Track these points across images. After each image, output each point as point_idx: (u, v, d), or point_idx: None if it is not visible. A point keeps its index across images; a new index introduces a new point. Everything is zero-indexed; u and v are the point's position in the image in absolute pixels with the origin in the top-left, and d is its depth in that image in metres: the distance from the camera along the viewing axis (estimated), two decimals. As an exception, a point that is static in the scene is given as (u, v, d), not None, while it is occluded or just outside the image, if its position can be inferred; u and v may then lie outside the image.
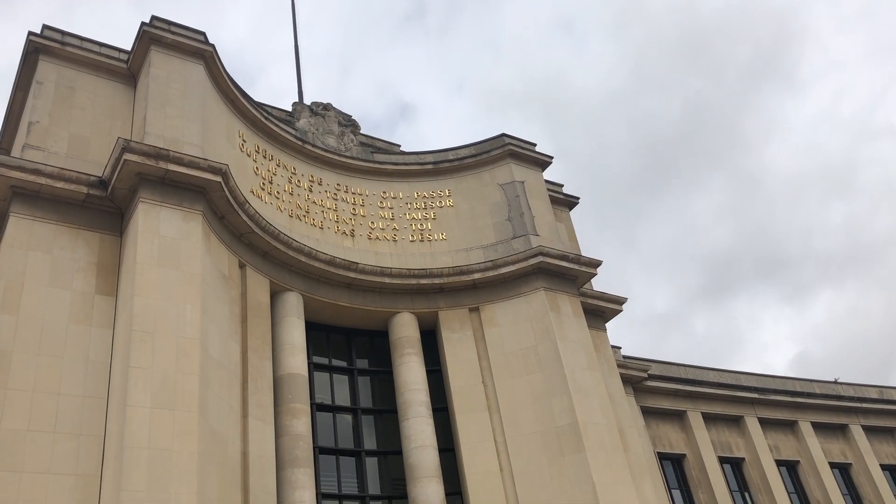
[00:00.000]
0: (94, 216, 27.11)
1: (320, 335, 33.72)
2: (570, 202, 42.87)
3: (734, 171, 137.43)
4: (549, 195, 39.33)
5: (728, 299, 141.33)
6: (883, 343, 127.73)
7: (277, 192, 32.92)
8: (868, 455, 50.20)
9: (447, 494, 30.78)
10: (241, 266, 29.56)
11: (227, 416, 25.74)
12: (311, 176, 35.16)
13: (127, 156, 25.76)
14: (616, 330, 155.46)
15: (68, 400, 23.62)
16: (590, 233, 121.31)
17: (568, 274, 35.34)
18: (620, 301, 38.88)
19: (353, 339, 34.77)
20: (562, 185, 42.92)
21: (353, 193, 36.16)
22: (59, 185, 26.31)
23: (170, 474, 21.90)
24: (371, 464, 32.56)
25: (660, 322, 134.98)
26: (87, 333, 24.97)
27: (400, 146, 40.80)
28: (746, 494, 45.79)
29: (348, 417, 33.13)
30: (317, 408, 31.49)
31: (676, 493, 43.52)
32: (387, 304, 34.12)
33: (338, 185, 35.95)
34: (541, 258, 34.41)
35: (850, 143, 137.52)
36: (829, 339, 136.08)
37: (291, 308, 31.06)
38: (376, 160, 37.55)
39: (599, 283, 40.52)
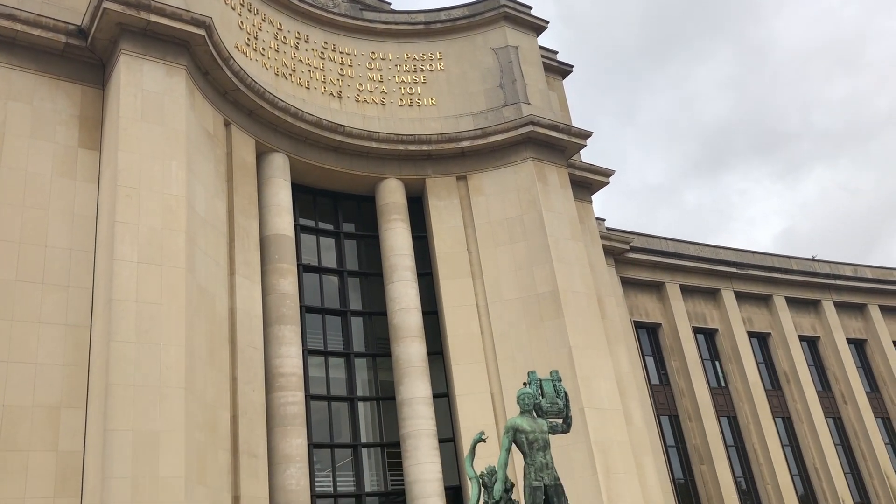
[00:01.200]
0: (75, 67, 26.36)
1: (307, 198, 33.75)
2: (564, 70, 41.97)
3: (741, 42, 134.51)
4: (543, 62, 38.45)
5: (721, 173, 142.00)
6: (869, 221, 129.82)
7: (263, 49, 31.98)
8: (836, 329, 51.99)
9: (429, 354, 31.95)
10: (227, 124, 29.13)
11: (214, 273, 26.11)
12: (298, 33, 34.06)
13: (106, 4, 24.76)
14: (607, 201, 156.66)
15: (55, 252, 23.83)
16: (589, 102, 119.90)
17: (557, 144, 35.12)
18: (608, 174, 38.91)
19: (339, 203, 34.84)
20: (556, 52, 41.88)
21: (340, 53, 35.17)
22: (36, 32, 25.40)
23: (159, 327, 22.45)
24: (356, 323, 33.49)
25: (652, 194, 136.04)
26: (71, 187, 24.87)
27: (390, 3, 39.39)
28: (717, 363, 47.71)
29: (334, 279, 33.74)
30: (303, 268, 31.97)
31: (650, 360, 45.28)
32: (374, 170, 33.98)
33: (325, 43, 34.90)
34: (531, 128, 34.06)
35: (864, 13, 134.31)
36: (817, 216, 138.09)
37: (277, 169, 30.90)
38: (365, 18, 36.31)
39: (594, 154, 40.62)
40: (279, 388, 28.58)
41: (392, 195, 33.88)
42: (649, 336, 46.09)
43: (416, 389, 31.25)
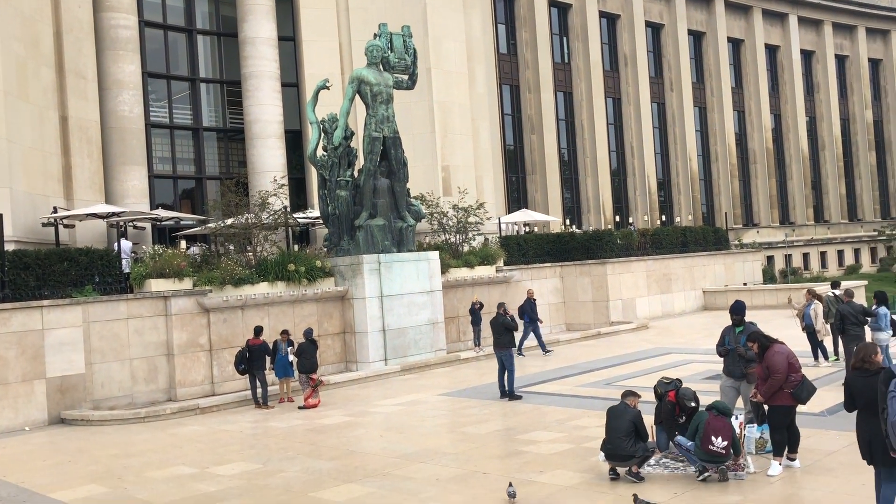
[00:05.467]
0: None
1: None
2: None
3: None
4: None
5: None
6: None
7: None
8: (681, 20, 53.49)
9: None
10: None
11: None
12: None
13: None
14: None
15: None
16: None
17: None
18: None
19: None
20: None
21: None
22: None
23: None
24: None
25: None
26: None
27: None
28: (565, 39, 48.49)
29: None
30: None
31: (502, 28, 45.23)
32: None
33: None
34: None
35: None
36: None
37: None
38: None
39: None
40: (110, 9, 26.46)
41: None
42: (505, 4, 45.51)
43: (260, 29, 29.90)
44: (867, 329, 15.69)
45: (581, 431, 12.98)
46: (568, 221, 45.32)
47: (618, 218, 48.34)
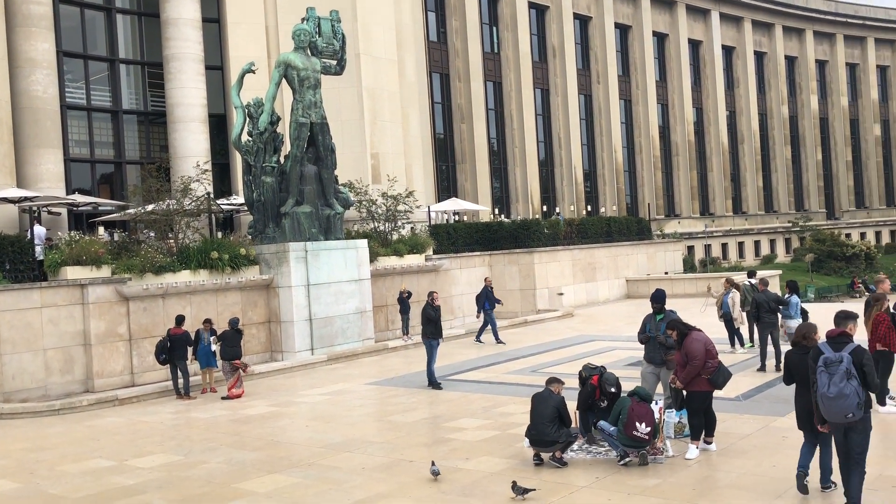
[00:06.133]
0: None
1: None
2: None
3: None
4: None
5: None
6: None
7: None
8: (608, 13, 54.37)
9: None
10: None
11: None
12: None
13: None
14: None
15: None
16: None
17: None
18: None
19: None
20: None
21: None
22: None
23: None
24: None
25: None
26: None
27: None
28: (495, 29, 48.68)
29: None
30: None
31: (432, 16, 45.11)
32: None
33: None
34: None
35: None
36: None
37: None
38: None
39: None
40: (21, -17, 25.28)
41: None
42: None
43: (183, 9, 29.03)
44: (780, 317, 16.31)
45: (507, 418, 13.11)
46: (497, 211, 45.68)
47: (545, 208, 48.98)
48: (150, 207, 21.51)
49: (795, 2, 68.18)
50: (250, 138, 22.65)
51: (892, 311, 12.23)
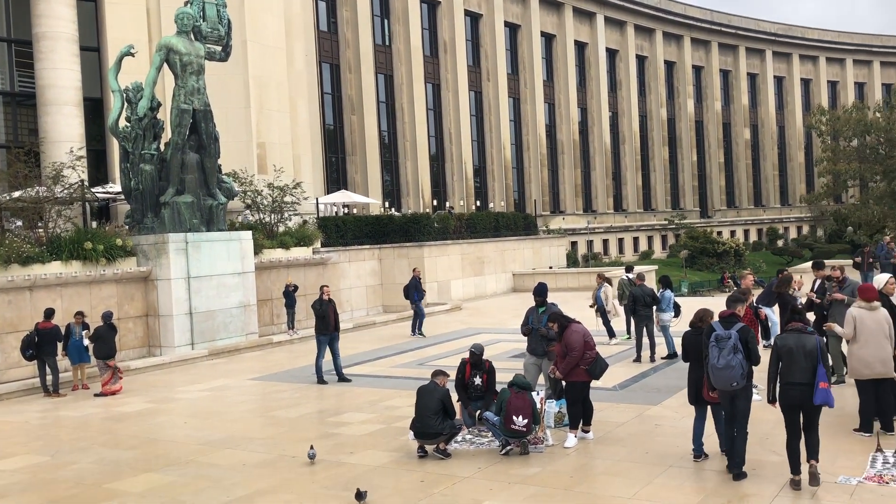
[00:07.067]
0: None
1: None
2: None
3: None
4: None
5: None
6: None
7: None
8: (498, 10, 55.19)
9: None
10: None
11: None
12: None
13: None
14: None
15: None
16: None
17: None
18: None
19: None
20: None
21: None
22: None
23: None
24: None
25: None
26: None
27: None
28: (386, 21, 48.50)
29: None
30: None
31: (322, 6, 44.47)
32: None
33: None
34: None
35: None
36: None
37: None
38: None
39: None
40: None
41: None
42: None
43: (56, -15, 27.39)
44: (654, 310, 17.05)
45: (392, 411, 13.12)
46: (387, 204, 45.60)
47: (436, 202, 49.27)
48: (16, 194, 20.25)
49: (675, 9, 71.31)
50: (129, 124, 21.67)
51: (754, 304, 13.01)
